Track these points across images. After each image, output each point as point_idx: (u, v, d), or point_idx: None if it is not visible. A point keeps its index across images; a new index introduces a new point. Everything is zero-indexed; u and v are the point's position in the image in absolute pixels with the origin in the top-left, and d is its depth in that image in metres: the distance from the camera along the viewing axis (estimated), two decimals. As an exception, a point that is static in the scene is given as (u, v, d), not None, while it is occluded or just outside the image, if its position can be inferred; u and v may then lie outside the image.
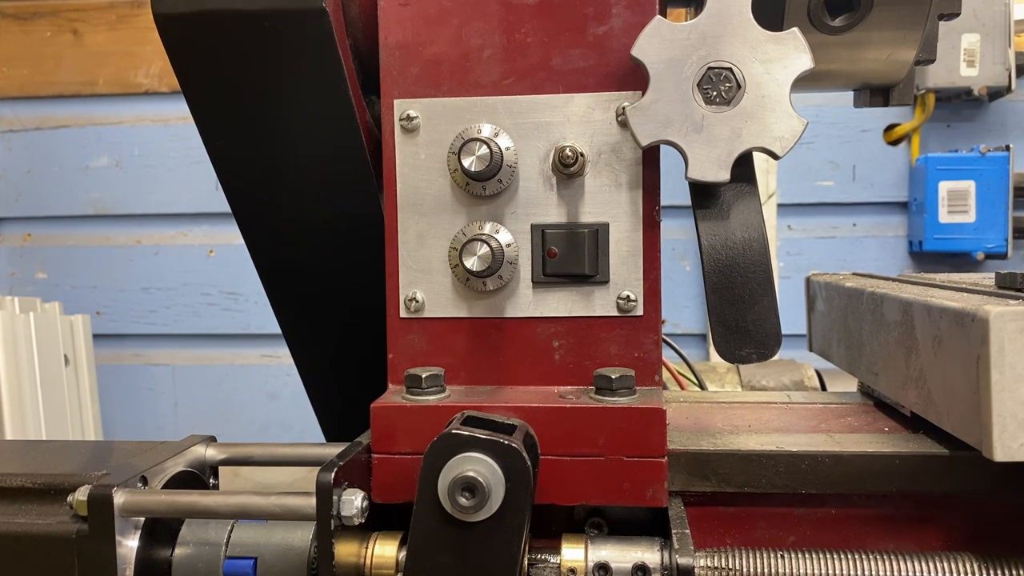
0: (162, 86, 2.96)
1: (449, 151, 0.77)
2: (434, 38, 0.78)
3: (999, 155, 2.68)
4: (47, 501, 0.73)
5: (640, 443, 0.71)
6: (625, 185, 0.77)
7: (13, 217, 3.07)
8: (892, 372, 0.83)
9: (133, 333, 3.04)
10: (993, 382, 0.62)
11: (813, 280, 1.14)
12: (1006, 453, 0.62)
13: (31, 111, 3.05)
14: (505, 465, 0.65)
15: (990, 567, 0.67)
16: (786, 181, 2.82)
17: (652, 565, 0.69)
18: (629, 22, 0.76)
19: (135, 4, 2.98)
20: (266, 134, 0.83)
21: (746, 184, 0.76)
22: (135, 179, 3.00)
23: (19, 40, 3.03)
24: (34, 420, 2.50)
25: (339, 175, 0.84)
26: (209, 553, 0.73)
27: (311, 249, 0.91)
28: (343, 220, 0.87)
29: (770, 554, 0.69)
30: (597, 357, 0.78)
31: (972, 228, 2.70)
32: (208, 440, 0.85)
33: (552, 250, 0.77)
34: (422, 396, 0.75)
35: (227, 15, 0.76)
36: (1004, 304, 0.64)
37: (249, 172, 0.86)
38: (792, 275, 2.79)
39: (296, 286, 0.93)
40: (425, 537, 0.67)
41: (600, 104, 0.77)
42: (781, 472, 0.74)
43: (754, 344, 0.74)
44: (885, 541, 0.75)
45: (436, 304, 0.79)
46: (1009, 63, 2.65)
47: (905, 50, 0.85)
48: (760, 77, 0.70)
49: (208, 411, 3.04)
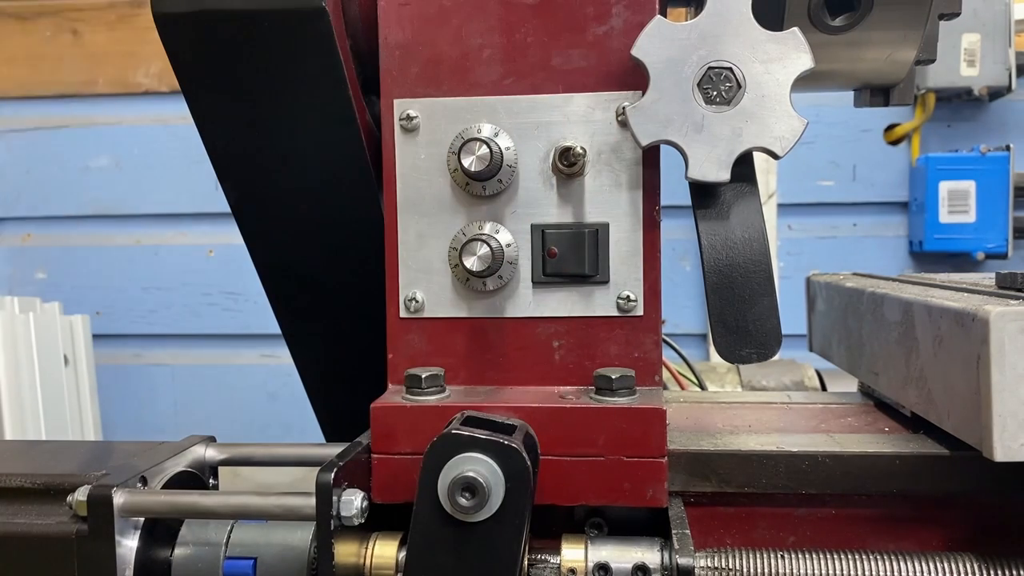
0: (162, 86, 2.96)
1: (449, 151, 0.77)
2: (434, 38, 0.78)
3: (999, 155, 2.68)
4: (47, 501, 0.73)
5: (640, 443, 0.71)
6: (625, 185, 0.77)
7: (13, 217, 3.07)
8: (892, 372, 0.83)
9: (133, 333, 3.04)
10: (993, 382, 0.62)
11: (813, 280, 1.14)
12: (1006, 453, 0.62)
13: (31, 111, 3.04)
14: (505, 465, 0.65)
15: (990, 567, 0.67)
16: (786, 181, 2.82)
17: (652, 565, 0.69)
18: (629, 22, 0.76)
19: (135, 4, 2.98)
20: (266, 134, 0.83)
21: (746, 184, 0.76)
22: (135, 179, 3.00)
23: (19, 40, 3.03)
24: (34, 420, 2.50)
25: (339, 175, 0.84)
26: (209, 553, 0.73)
27: (311, 249, 0.90)
28: (343, 220, 0.87)
29: (770, 554, 0.69)
30: (597, 357, 0.78)
31: (972, 228, 2.70)
32: (208, 440, 0.85)
33: (552, 250, 0.77)
34: (422, 396, 0.75)
35: (227, 15, 0.76)
36: (1004, 304, 0.64)
37: (249, 172, 0.86)
38: (792, 275, 2.79)
39: (296, 286, 0.93)
40: (425, 537, 0.67)
41: (600, 104, 0.76)
42: (781, 472, 0.74)
43: (754, 344, 0.74)
44: (885, 541, 0.75)
45: (436, 304, 0.79)
46: (1009, 63, 2.65)
47: (905, 50, 0.85)
48: (760, 77, 0.70)
49: (208, 411, 3.04)
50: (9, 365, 2.44)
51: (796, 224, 2.86)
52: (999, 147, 2.69)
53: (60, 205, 3.04)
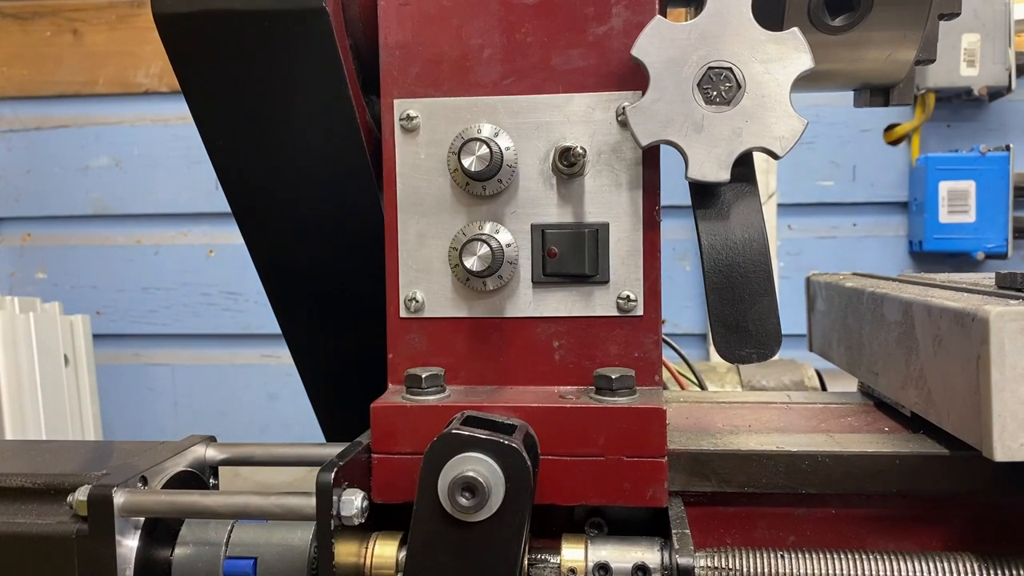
0: (162, 86, 2.96)
1: (449, 151, 0.77)
2: (434, 38, 0.78)
3: (999, 155, 2.68)
4: (47, 501, 0.73)
5: (640, 443, 0.71)
6: (625, 185, 0.77)
7: (13, 217, 3.08)
8: (892, 372, 0.83)
9: (133, 333, 3.04)
10: (993, 382, 0.62)
11: (813, 280, 1.14)
12: (1006, 453, 0.62)
13: (31, 111, 3.05)
14: (505, 465, 0.65)
15: (990, 567, 0.67)
16: (786, 181, 2.82)
17: (652, 565, 0.69)
18: (629, 22, 0.76)
19: (135, 4, 2.98)
20: (266, 134, 0.83)
21: (746, 184, 0.76)
22: (135, 179, 3.00)
23: (19, 40, 3.03)
24: (34, 420, 2.50)
25: (339, 175, 0.84)
26: (209, 553, 0.73)
27: (311, 249, 0.90)
28: (343, 220, 0.87)
29: (770, 554, 0.69)
30: (597, 357, 0.78)
31: (972, 228, 2.71)
32: (208, 440, 0.85)
33: (552, 250, 0.77)
34: (422, 396, 0.75)
35: (227, 15, 0.76)
36: (1004, 304, 0.64)
37: (249, 172, 0.86)
38: (792, 275, 2.79)
39: (296, 286, 0.93)
40: (425, 537, 0.67)
41: (600, 104, 0.76)
42: (781, 472, 0.74)
43: (754, 344, 0.74)
44: (885, 541, 0.75)
45: (436, 304, 0.79)
46: (1009, 63, 2.65)
47: (905, 50, 0.85)
48: (760, 77, 0.70)
49: (208, 411, 3.04)
50: (9, 365, 2.44)
51: (796, 224, 2.86)
52: (999, 147, 2.69)
53: (60, 205, 3.04)
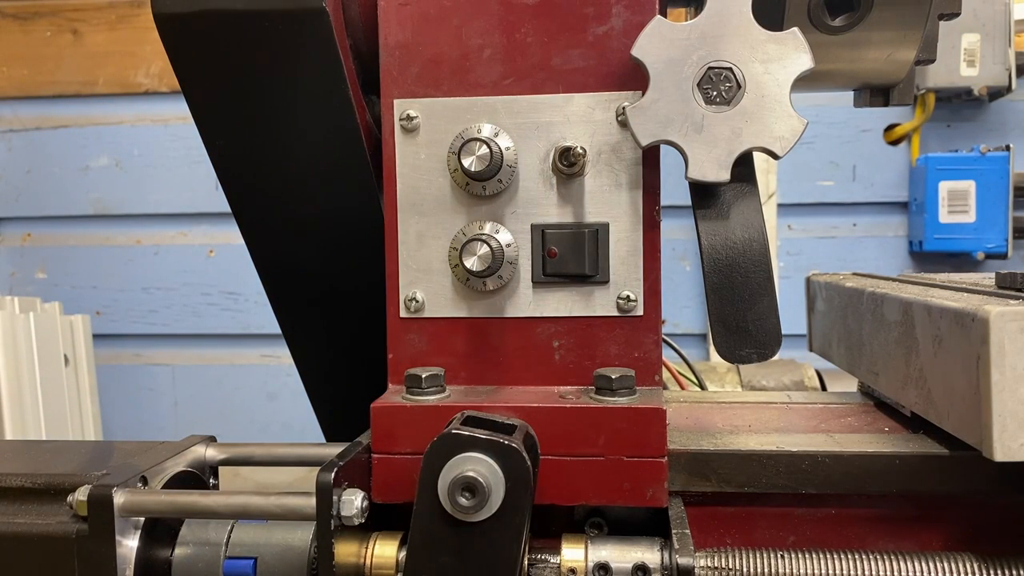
0: (162, 86, 2.96)
1: (449, 151, 0.77)
2: (434, 38, 0.78)
3: (999, 155, 2.68)
4: (47, 501, 0.73)
5: (640, 443, 0.71)
6: (625, 185, 0.77)
7: (13, 217, 3.07)
8: (892, 372, 0.83)
9: (133, 333, 3.04)
10: (993, 382, 0.62)
11: (813, 280, 1.14)
12: (1006, 453, 0.62)
13: (31, 111, 3.05)
14: (505, 465, 0.65)
15: (990, 567, 0.67)
16: (786, 181, 2.82)
17: (652, 565, 0.69)
18: (629, 22, 0.76)
19: (135, 4, 2.98)
20: (266, 134, 0.83)
21: (746, 184, 0.76)
22: (135, 179, 3.00)
23: (19, 40, 3.03)
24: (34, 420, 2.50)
25: (339, 175, 0.84)
26: (209, 553, 0.73)
27: (311, 249, 0.91)
28: (343, 220, 0.87)
29: (770, 554, 0.69)
30: (597, 357, 0.78)
31: (972, 228, 2.70)
32: (208, 440, 0.85)
33: (552, 250, 0.77)
34: (422, 396, 0.75)
35: (227, 15, 0.76)
36: (1004, 304, 0.64)
37: (249, 172, 0.86)
38: (792, 275, 2.79)
39: (296, 286, 0.93)
40: (425, 537, 0.67)
41: (600, 104, 0.76)
42: (781, 472, 0.74)
43: (754, 344, 0.74)
44: (885, 541, 0.75)
45: (436, 304, 0.79)
46: (1009, 63, 2.64)
47: (905, 50, 0.85)
48: (760, 77, 0.70)
49: (208, 411, 3.04)
50: (9, 365, 2.44)
51: (796, 224, 2.86)
52: (999, 147, 2.69)
53: (60, 205, 3.04)
